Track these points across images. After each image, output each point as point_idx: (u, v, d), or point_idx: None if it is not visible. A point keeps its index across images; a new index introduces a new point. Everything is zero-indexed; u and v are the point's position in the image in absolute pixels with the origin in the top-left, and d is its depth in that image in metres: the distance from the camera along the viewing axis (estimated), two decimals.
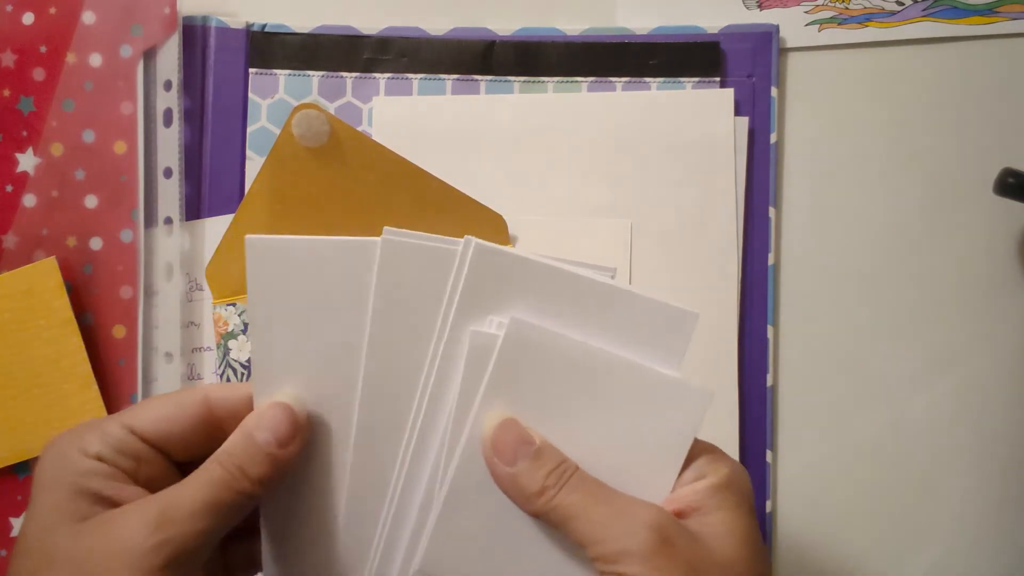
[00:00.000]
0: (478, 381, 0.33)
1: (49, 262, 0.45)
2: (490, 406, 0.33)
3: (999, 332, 0.49)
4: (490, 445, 0.32)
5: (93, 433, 0.32)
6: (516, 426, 0.33)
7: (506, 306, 0.33)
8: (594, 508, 0.32)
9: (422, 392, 0.34)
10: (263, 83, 0.48)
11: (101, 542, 0.29)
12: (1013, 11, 0.49)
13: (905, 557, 0.49)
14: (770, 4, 0.49)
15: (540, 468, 0.32)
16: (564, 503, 0.32)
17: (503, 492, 0.33)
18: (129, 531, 0.29)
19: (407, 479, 0.34)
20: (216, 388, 0.34)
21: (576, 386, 0.33)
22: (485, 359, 0.33)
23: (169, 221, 0.47)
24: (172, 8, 0.47)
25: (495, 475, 0.33)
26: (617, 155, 0.48)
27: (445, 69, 0.49)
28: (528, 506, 0.32)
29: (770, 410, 0.48)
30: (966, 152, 0.49)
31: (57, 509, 0.30)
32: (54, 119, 0.46)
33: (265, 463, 0.32)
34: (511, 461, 0.32)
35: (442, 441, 0.34)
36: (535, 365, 0.33)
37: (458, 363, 0.33)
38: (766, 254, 0.48)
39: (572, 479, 0.32)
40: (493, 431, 0.32)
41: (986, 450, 0.49)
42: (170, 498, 0.30)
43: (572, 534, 0.32)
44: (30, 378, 0.45)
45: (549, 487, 0.32)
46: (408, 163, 0.46)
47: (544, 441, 0.33)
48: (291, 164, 0.45)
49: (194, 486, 0.31)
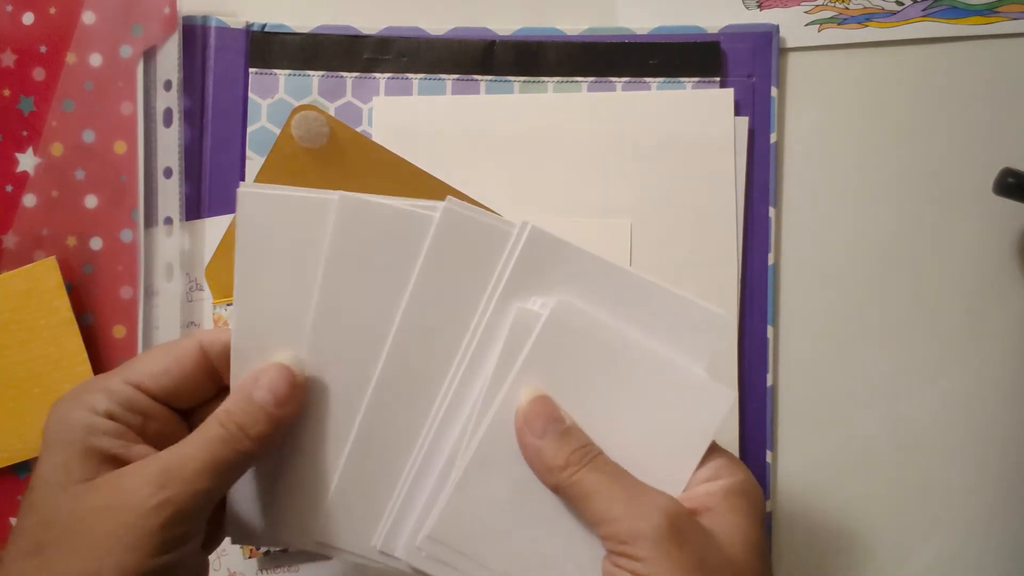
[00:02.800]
0: (515, 356, 0.34)
1: (49, 262, 0.45)
2: (524, 382, 0.34)
3: (999, 332, 0.49)
4: (523, 416, 0.34)
5: (99, 391, 0.33)
6: (550, 403, 0.34)
7: (551, 289, 0.35)
8: (612, 489, 0.32)
9: (459, 362, 0.35)
10: (263, 83, 0.48)
11: (104, 502, 0.30)
12: (1013, 11, 0.49)
13: (905, 557, 0.49)
14: (770, 4, 0.49)
15: (567, 445, 0.33)
16: (585, 480, 0.33)
17: (528, 463, 0.34)
18: (132, 491, 0.30)
19: (431, 445, 0.35)
20: (207, 333, 0.35)
21: (607, 373, 0.34)
22: (525, 336, 0.34)
23: (169, 221, 0.47)
24: (172, 8, 0.47)
25: (523, 445, 0.34)
26: (617, 155, 0.48)
27: (445, 69, 0.49)
28: (550, 478, 0.33)
29: (770, 410, 0.48)
30: (966, 152, 0.49)
31: (66, 468, 0.31)
32: (54, 119, 0.46)
33: (264, 422, 0.32)
34: (540, 434, 0.33)
35: (471, 411, 0.35)
36: (572, 347, 0.34)
37: (497, 338, 0.34)
38: (766, 254, 0.48)
39: (595, 460, 0.33)
40: (528, 403, 0.34)
41: (986, 450, 0.49)
42: (172, 458, 0.31)
43: (587, 512, 0.33)
44: (30, 378, 0.45)
45: (572, 463, 0.33)
46: (408, 164, 0.46)
47: (574, 423, 0.34)
48: (290, 165, 0.45)
49: (195, 445, 0.31)
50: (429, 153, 0.47)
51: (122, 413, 0.32)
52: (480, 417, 0.34)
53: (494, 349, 0.34)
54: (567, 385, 0.34)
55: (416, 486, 0.35)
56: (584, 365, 0.34)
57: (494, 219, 0.35)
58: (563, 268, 0.35)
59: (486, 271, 0.35)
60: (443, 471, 0.35)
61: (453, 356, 0.35)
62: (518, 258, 0.34)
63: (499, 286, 0.34)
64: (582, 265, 0.35)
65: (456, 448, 0.35)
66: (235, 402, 0.33)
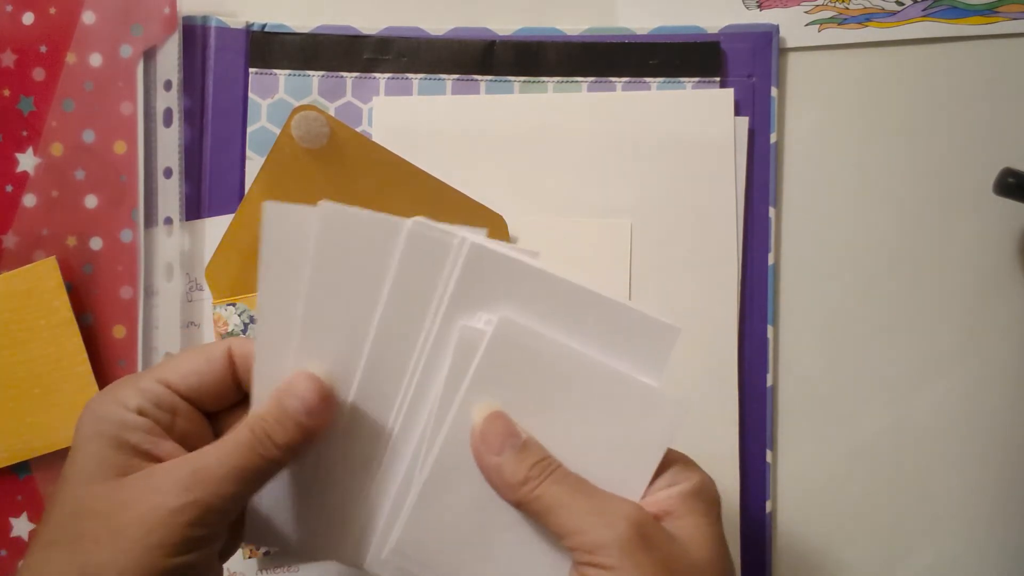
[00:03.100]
0: (463, 374, 0.34)
1: (49, 262, 0.45)
2: (474, 400, 0.34)
3: (999, 332, 0.49)
4: (479, 434, 0.33)
5: (131, 388, 0.34)
6: (504, 419, 0.34)
7: (497, 304, 0.34)
8: (575, 500, 0.33)
9: (409, 380, 0.35)
10: (263, 83, 0.48)
11: (133, 498, 0.31)
12: (1013, 11, 0.49)
13: (905, 557, 0.49)
14: (770, 4, 0.49)
15: (525, 460, 0.33)
16: (546, 494, 0.33)
17: (487, 481, 0.34)
18: (160, 490, 0.31)
19: (388, 463, 0.35)
20: (237, 341, 0.36)
21: (558, 387, 0.34)
22: (471, 354, 0.34)
23: (169, 221, 0.47)
24: (172, 8, 0.47)
25: (480, 464, 0.34)
26: (617, 155, 0.48)
27: (445, 69, 0.49)
28: (511, 495, 0.33)
29: (770, 410, 0.48)
30: (966, 152, 0.49)
31: (97, 461, 0.32)
32: (54, 119, 0.46)
33: (293, 430, 0.33)
34: (498, 451, 0.33)
35: (424, 429, 0.34)
36: (520, 363, 0.34)
37: (445, 355, 0.34)
38: (766, 254, 0.48)
39: (555, 473, 0.33)
40: (483, 421, 0.33)
41: (986, 450, 0.49)
42: (201, 460, 0.32)
43: (552, 525, 0.33)
44: (30, 378, 0.45)
45: (532, 477, 0.33)
46: (408, 164, 0.46)
47: (530, 437, 0.34)
48: (290, 165, 0.45)
49: (224, 450, 0.32)
50: (429, 153, 0.47)
51: (152, 409, 0.33)
52: (434, 434, 0.34)
53: (443, 366, 0.34)
54: (517, 401, 0.34)
55: (378, 503, 0.35)
56: (533, 380, 0.34)
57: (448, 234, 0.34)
58: (508, 282, 0.34)
59: (435, 288, 0.34)
60: (403, 486, 0.35)
61: (405, 373, 0.35)
62: (459, 276, 0.34)
63: (442, 304, 0.34)
64: (528, 280, 0.34)
65: (412, 466, 0.35)
66: (267, 409, 0.33)
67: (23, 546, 0.46)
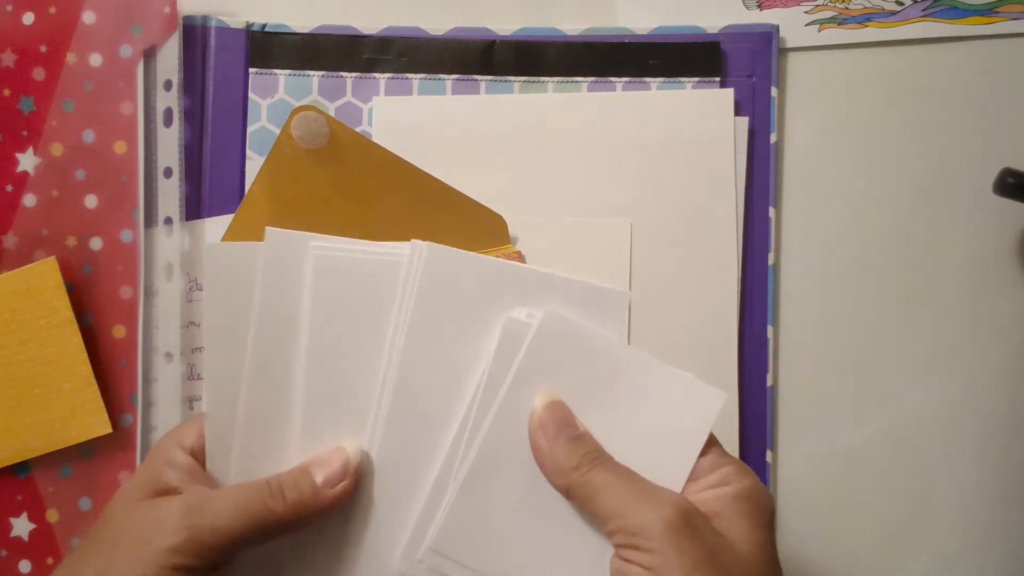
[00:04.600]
0: (507, 366, 0.35)
1: (49, 262, 0.45)
2: (519, 392, 0.35)
3: (999, 332, 0.49)
4: (537, 420, 0.34)
5: (193, 427, 0.37)
6: (564, 408, 0.35)
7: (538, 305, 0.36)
8: (622, 485, 0.33)
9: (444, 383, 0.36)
10: (263, 83, 0.48)
11: (145, 516, 0.33)
12: (1013, 11, 0.49)
13: (905, 557, 0.49)
14: (770, 4, 0.49)
15: (579, 448, 0.34)
16: (595, 479, 0.33)
17: (539, 465, 0.35)
18: (167, 512, 0.33)
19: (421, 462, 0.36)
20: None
21: (597, 379, 0.35)
22: (516, 345, 0.35)
23: (169, 221, 0.47)
24: (172, 8, 0.47)
25: (535, 448, 0.35)
26: (617, 155, 0.48)
27: (445, 69, 0.49)
28: (560, 479, 0.34)
29: (770, 410, 0.48)
30: (966, 152, 0.49)
31: (136, 485, 0.35)
32: (54, 119, 0.46)
33: (307, 493, 0.34)
34: (553, 437, 0.34)
35: (464, 421, 0.35)
36: (561, 355, 0.35)
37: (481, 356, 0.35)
38: (766, 254, 0.48)
39: (606, 461, 0.34)
40: (542, 408, 0.35)
41: (986, 450, 0.49)
42: (207, 494, 0.34)
43: (597, 508, 0.33)
44: (30, 378, 0.45)
45: (583, 464, 0.34)
46: (408, 164, 0.46)
47: (586, 430, 0.35)
48: (290, 166, 0.45)
49: (235, 488, 0.34)
50: (429, 153, 0.47)
51: (202, 451, 0.36)
52: (476, 426, 0.35)
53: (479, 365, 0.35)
54: (560, 392, 0.35)
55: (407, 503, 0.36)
56: (574, 372, 0.35)
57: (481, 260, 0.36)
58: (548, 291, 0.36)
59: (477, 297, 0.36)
60: (438, 483, 0.35)
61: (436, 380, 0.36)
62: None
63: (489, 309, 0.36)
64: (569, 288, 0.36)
65: (450, 460, 0.35)
66: (292, 469, 0.35)
67: (23, 546, 0.46)
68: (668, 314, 0.47)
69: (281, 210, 0.45)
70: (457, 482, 0.35)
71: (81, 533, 0.46)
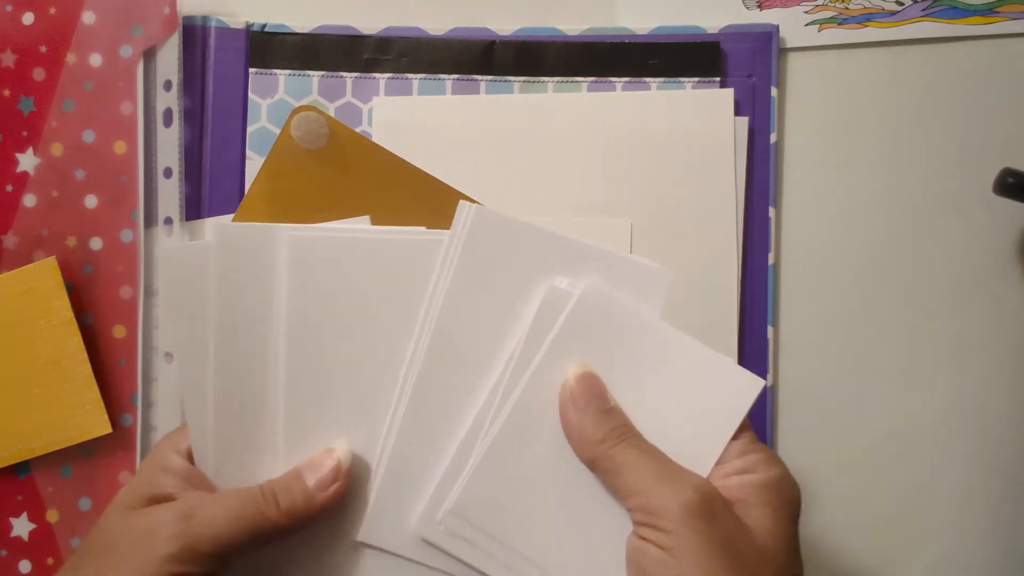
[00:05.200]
0: (544, 334, 0.35)
1: (49, 262, 0.45)
2: (554, 361, 0.35)
3: (999, 332, 0.49)
4: (569, 390, 0.34)
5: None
6: (596, 380, 0.35)
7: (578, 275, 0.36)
8: (647, 463, 0.33)
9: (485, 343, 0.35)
10: (263, 83, 0.48)
11: (140, 524, 0.33)
12: (1013, 11, 0.49)
13: (905, 557, 0.49)
14: (770, 4, 0.49)
15: (607, 422, 0.34)
16: (621, 454, 0.33)
17: (567, 436, 0.34)
18: (162, 520, 0.33)
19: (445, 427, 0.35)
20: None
21: (635, 354, 0.35)
22: (555, 314, 0.35)
23: (169, 221, 0.47)
24: (172, 8, 0.47)
25: (564, 418, 0.34)
26: (617, 155, 0.48)
27: (445, 69, 0.49)
28: (586, 452, 0.34)
29: (770, 410, 0.48)
30: (966, 152, 0.49)
31: (131, 492, 0.35)
32: (54, 119, 0.46)
33: (300, 498, 0.34)
34: (583, 409, 0.34)
35: (496, 386, 0.35)
36: (600, 328, 0.35)
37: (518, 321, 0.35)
38: (766, 254, 0.48)
39: (633, 437, 0.34)
40: (575, 379, 0.34)
41: (986, 450, 0.49)
42: (201, 500, 0.34)
43: (619, 484, 0.33)
44: (30, 378, 0.45)
45: (610, 438, 0.33)
46: (407, 164, 0.46)
47: (617, 404, 0.35)
48: (290, 166, 0.45)
49: (229, 495, 0.34)
50: (429, 153, 0.47)
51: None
52: (508, 391, 0.35)
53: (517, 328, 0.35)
54: (595, 365, 0.35)
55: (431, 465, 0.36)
56: (611, 346, 0.35)
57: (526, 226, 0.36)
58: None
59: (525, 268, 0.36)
60: (462, 448, 0.35)
61: (487, 341, 0.36)
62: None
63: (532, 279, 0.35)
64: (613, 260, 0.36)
65: (477, 425, 0.35)
66: (284, 475, 0.35)
67: (23, 546, 0.46)
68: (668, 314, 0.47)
69: (281, 210, 0.45)
70: (483, 447, 0.34)
71: (81, 533, 0.46)
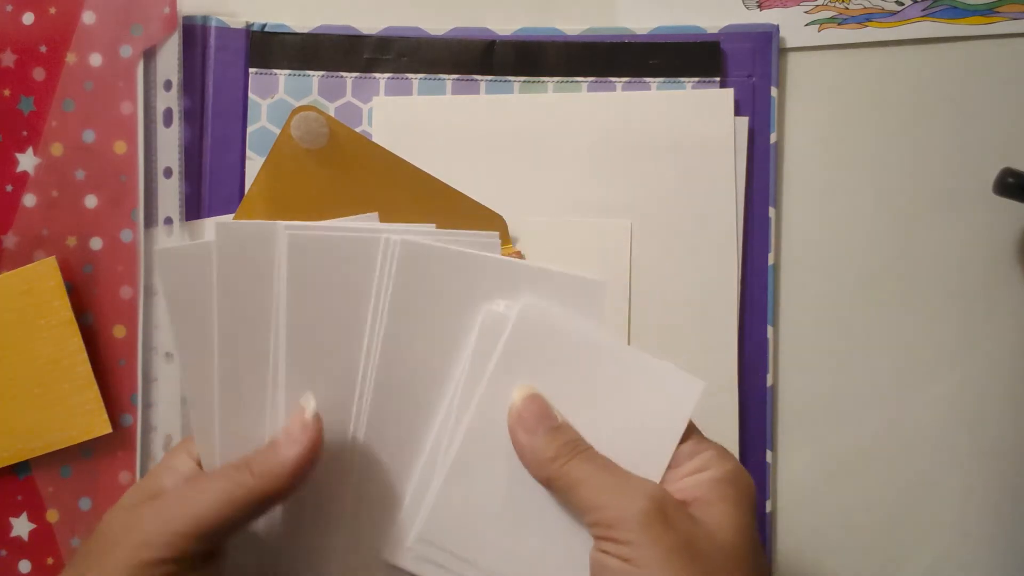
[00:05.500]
0: (487, 358, 0.35)
1: (49, 262, 0.45)
2: (500, 382, 0.35)
3: (999, 332, 0.49)
4: (516, 413, 0.35)
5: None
6: (541, 400, 0.35)
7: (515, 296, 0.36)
8: (600, 477, 0.33)
9: (422, 374, 0.36)
10: (263, 83, 0.48)
11: (126, 519, 0.33)
12: (1013, 11, 0.49)
13: (905, 557, 0.49)
14: (770, 4, 0.49)
15: (557, 439, 0.34)
16: (573, 470, 0.33)
17: (520, 458, 0.35)
18: (143, 511, 0.33)
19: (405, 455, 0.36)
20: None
21: (577, 369, 0.35)
22: (495, 338, 0.35)
23: (169, 221, 0.47)
24: (172, 8, 0.47)
25: (515, 441, 0.35)
26: (617, 155, 0.48)
27: (445, 69, 0.49)
28: (540, 472, 0.34)
29: (770, 410, 0.48)
30: (966, 152, 0.49)
31: (132, 495, 0.35)
32: (54, 119, 0.46)
33: (268, 456, 0.33)
34: (532, 430, 0.34)
35: (447, 413, 0.35)
36: (541, 346, 0.35)
37: (461, 348, 0.35)
38: (766, 254, 0.48)
39: (584, 452, 0.34)
40: (520, 401, 0.35)
41: (986, 450, 0.49)
42: (187, 488, 0.34)
43: (576, 500, 0.33)
44: (30, 378, 0.45)
45: (562, 455, 0.34)
46: (407, 164, 0.46)
47: (565, 420, 0.35)
48: (290, 166, 0.45)
49: (205, 475, 0.35)
50: (429, 153, 0.47)
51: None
52: (459, 418, 0.35)
53: (460, 354, 0.35)
54: (540, 383, 0.35)
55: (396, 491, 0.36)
56: (554, 363, 0.35)
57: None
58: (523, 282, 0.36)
59: (456, 289, 0.36)
60: (424, 474, 0.35)
61: (415, 368, 0.36)
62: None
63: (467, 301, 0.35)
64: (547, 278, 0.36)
65: (435, 450, 0.35)
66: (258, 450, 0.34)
67: (23, 546, 0.46)
68: (668, 314, 0.48)
69: (281, 210, 0.45)
70: (442, 473, 0.35)
71: (81, 533, 0.46)
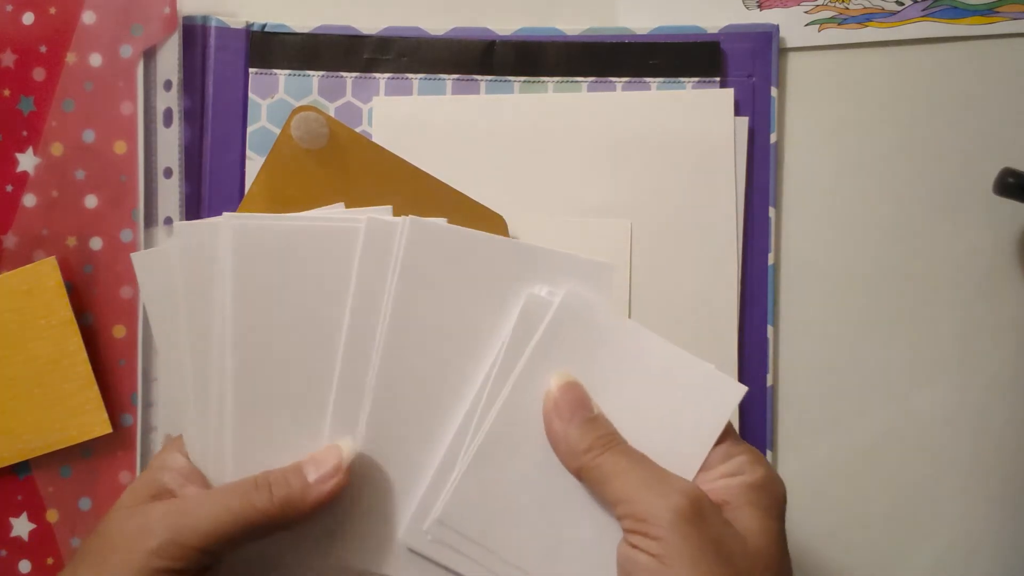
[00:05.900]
0: (525, 343, 0.35)
1: (49, 262, 0.45)
2: (536, 369, 0.34)
3: (999, 332, 0.49)
4: (552, 400, 0.34)
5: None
6: (580, 389, 0.35)
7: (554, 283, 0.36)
8: (634, 470, 0.33)
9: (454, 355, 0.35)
10: (263, 83, 0.48)
11: (133, 522, 0.33)
12: (1013, 11, 0.49)
13: (905, 557, 0.49)
14: (770, 4, 0.49)
15: (592, 431, 0.34)
16: (607, 462, 0.33)
17: (553, 446, 0.34)
18: (152, 515, 0.33)
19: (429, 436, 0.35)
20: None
21: (616, 362, 0.35)
22: (536, 322, 0.35)
23: (169, 221, 0.47)
24: (172, 8, 0.47)
25: (549, 428, 0.34)
26: (617, 155, 0.48)
27: (445, 69, 0.49)
28: (573, 462, 0.34)
29: (770, 410, 0.48)
30: (966, 152, 0.49)
31: (133, 493, 0.35)
32: (54, 119, 0.46)
33: (294, 488, 0.33)
34: (568, 419, 0.34)
35: (477, 396, 0.35)
36: (581, 335, 0.35)
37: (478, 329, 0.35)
38: (766, 254, 0.48)
39: (619, 445, 0.34)
40: (557, 389, 0.34)
41: (986, 450, 0.49)
42: (195, 494, 0.34)
43: (608, 492, 0.33)
44: (30, 378, 0.45)
45: (596, 447, 0.33)
46: (407, 164, 0.46)
47: (601, 412, 0.34)
48: (290, 166, 0.45)
49: (220, 488, 0.34)
50: (429, 153, 0.47)
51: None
52: (490, 401, 0.35)
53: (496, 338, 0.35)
54: (577, 372, 0.35)
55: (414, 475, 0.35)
56: (593, 353, 0.35)
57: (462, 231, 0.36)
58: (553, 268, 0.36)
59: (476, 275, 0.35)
60: (447, 458, 0.35)
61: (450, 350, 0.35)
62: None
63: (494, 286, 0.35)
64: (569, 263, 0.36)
65: (460, 435, 0.35)
66: (283, 467, 0.34)
67: (23, 546, 0.46)
68: (668, 314, 0.47)
69: (280, 210, 0.45)
70: (468, 456, 0.34)
71: (81, 533, 0.46)
